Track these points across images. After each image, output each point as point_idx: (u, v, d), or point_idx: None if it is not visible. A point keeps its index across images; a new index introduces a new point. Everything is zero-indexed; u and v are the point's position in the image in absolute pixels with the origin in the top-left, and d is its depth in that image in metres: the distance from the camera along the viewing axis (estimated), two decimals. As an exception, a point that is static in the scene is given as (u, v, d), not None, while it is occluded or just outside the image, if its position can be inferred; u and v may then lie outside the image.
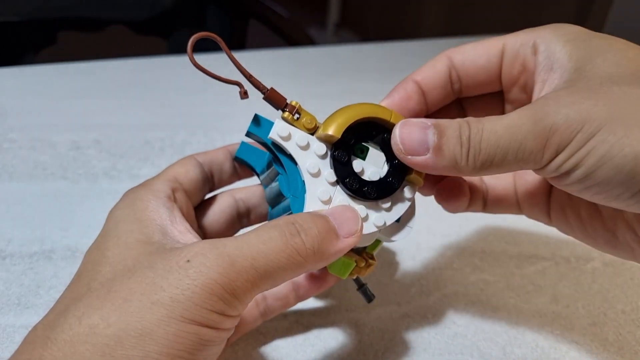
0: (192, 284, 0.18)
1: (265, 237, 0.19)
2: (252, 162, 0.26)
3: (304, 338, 0.29)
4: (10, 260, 0.33)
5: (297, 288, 0.27)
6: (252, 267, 0.18)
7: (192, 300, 0.17)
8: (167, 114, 0.52)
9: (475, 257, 0.36)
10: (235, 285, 0.18)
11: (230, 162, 0.27)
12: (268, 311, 0.27)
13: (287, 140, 0.22)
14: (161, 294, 0.18)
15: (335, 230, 0.21)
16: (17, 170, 0.42)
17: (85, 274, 0.20)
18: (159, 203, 0.22)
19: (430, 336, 0.30)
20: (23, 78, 0.57)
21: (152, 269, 0.19)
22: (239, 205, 0.28)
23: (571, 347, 0.30)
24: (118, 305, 0.18)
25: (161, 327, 0.17)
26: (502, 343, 0.30)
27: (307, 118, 0.23)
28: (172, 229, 0.22)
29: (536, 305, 0.33)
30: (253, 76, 0.22)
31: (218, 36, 0.21)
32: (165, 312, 0.17)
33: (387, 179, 0.23)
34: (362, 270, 0.24)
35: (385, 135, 0.23)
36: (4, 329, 0.28)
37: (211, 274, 0.18)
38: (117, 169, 0.43)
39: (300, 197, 0.23)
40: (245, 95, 0.22)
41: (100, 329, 0.17)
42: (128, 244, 0.20)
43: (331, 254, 0.20)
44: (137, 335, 0.17)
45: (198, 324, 0.18)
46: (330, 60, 0.69)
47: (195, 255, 0.18)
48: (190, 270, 0.18)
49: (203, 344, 0.18)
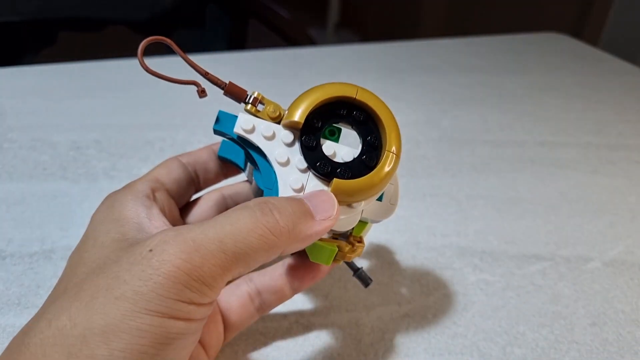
0: (154, 273, 0.17)
1: (233, 218, 0.18)
2: (234, 159, 0.26)
3: (304, 338, 0.29)
4: (10, 260, 0.33)
5: (292, 280, 0.27)
6: (220, 250, 0.18)
7: (156, 290, 0.17)
8: (167, 114, 0.52)
9: (475, 257, 0.36)
10: (202, 271, 0.17)
11: (214, 162, 0.27)
12: (264, 306, 0.27)
13: (252, 132, 0.22)
14: (124, 288, 0.17)
15: (311, 212, 0.20)
16: (17, 170, 0.42)
17: (64, 277, 0.20)
18: (137, 202, 0.22)
19: (430, 336, 0.30)
20: (23, 78, 0.57)
21: (117, 263, 0.18)
22: (228, 202, 0.28)
23: (571, 347, 0.30)
24: (85, 304, 0.17)
25: (124, 322, 0.16)
26: (502, 343, 0.30)
27: (270, 107, 0.22)
28: (149, 225, 0.21)
29: (536, 305, 0.33)
30: (209, 73, 0.22)
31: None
32: (128, 306, 0.17)
33: (362, 158, 0.22)
34: (347, 254, 0.24)
35: (355, 112, 0.22)
36: (4, 329, 0.28)
37: (174, 261, 0.17)
38: (117, 169, 0.43)
39: (274, 188, 0.22)
40: (204, 94, 0.22)
41: (67, 329, 0.17)
42: (103, 243, 0.20)
43: (307, 235, 0.20)
44: (101, 333, 0.16)
45: (163, 316, 0.17)
46: (330, 60, 0.69)
47: (158, 243, 0.18)
48: (153, 259, 0.17)
49: (171, 337, 0.17)
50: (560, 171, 0.48)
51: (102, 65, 0.62)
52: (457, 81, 0.66)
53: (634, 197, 0.44)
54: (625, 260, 0.37)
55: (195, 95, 0.22)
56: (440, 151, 0.50)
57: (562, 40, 0.84)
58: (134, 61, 0.62)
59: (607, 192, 0.45)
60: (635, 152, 0.51)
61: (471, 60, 0.74)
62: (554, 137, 0.54)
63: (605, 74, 0.71)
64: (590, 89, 0.66)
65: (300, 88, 0.23)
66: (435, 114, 0.57)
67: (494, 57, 0.75)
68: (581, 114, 0.59)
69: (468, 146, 0.51)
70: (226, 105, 0.25)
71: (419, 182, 0.44)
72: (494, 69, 0.72)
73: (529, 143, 0.52)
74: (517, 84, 0.67)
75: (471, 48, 0.78)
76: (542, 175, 0.47)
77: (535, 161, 0.49)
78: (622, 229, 0.40)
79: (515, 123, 0.56)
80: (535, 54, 0.78)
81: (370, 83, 0.60)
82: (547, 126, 0.56)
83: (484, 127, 0.55)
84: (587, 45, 0.82)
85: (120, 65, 0.62)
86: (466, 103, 0.60)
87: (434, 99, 0.61)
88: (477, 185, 0.44)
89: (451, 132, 0.53)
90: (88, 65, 0.61)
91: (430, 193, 0.43)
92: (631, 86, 0.68)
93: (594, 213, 0.42)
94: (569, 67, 0.73)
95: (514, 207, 0.42)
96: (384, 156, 0.22)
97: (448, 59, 0.73)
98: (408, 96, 0.61)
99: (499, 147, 0.51)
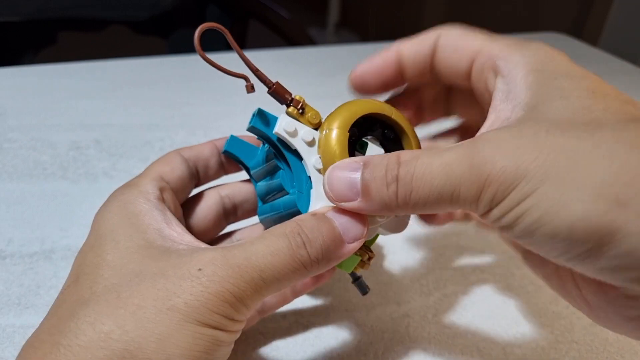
0: (205, 291, 0.18)
1: (272, 248, 0.20)
2: (242, 156, 0.26)
3: (304, 338, 0.29)
4: (10, 260, 0.33)
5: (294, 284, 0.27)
6: (260, 278, 0.19)
7: (206, 305, 0.18)
8: (167, 114, 0.52)
9: (475, 257, 0.36)
10: (244, 295, 0.19)
11: (216, 157, 0.27)
12: (265, 308, 0.27)
13: (294, 135, 0.22)
14: (175, 300, 0.18)
15: (341, 237, 0.21)
16: (17, 170, 0.42)
17: (85, 277, 0.20)
18: (150, 206, 0.22)
19: (430, 336, 0.30)
20: (23, 78, 0.57)
21: (163, 276, 0.19)
22: (225, 202, 0.28)
23: (571, 347, 0.30)
24: (132, 312, 0.18)
25: (179, 331, 0.18)
26: (502, 343, 0.30)
27: (312, 113, 0.22)
28: (170, 232, 0.22)
29: (536, 305, 0.33)
30: (259, 70, 0.22)
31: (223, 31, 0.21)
32: (181, 317, 0.18)
33: None
34: (365, 264, 0.24)
35: (385, 131, 0.23)
36: (4, 329, 0.28)
37: (223, 284, 0.19)
38: (117, 169, 0.43)
39: (305, 193, 0.22)
40: (252, 89, 0.22)
41: (117, 335, 0.17)
42: (129, 249, 0.20)
43: (335, 260, 0.21)
44: (157, 340, 0.18)
45: (212, 327, 0.18)
46: (330, 60, 0.69)
47: (207, 264, 0.19)
48: (203, 279, 0.19)
49: (218, 345, 0.19)
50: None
51: (102, 65, 0.62)
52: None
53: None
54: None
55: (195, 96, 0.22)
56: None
57: (562, 40, 0.84)
58: (134, 61, 0.63)
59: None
60: (635, 152, 0.51)
61: (471, 60, 0.73)
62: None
63: (605, 74, 0.71)
64: (590, 89, 0.66)
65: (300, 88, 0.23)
66: (435, 114, 0.57)
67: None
68: (581, 114, 0.59)
69: (468, 146, 0.51)
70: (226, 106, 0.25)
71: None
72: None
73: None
74: (517, 84, 0.67)
75: (471, 48, 0.78)
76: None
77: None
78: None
79: (515, 123, 0.56)
80: (535, 54, 0.78)
81: (370, 83, 0.60)
82: (547, 126, 0.56)
83: (484, 127, 0.55)
84: (587, 45, 0.82)
85: (120, 65, 0.62)
86: (466, 103, 0.60)
87: (434, 99, 0.61)
88: (477, 185, 0.44)
89: (451, 132, 0.53)
90: (88, 65, 0.61)
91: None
92: (631, 86, 0.68)
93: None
94: (569, 67, 0.73)
95: (514, 207, 0.42)
96: None
97: (448, 59, 0.73)
98: (408, 96, 0.61)
99: (499, 147, 0.51)
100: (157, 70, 0.61)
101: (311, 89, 0.58)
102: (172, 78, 0.59)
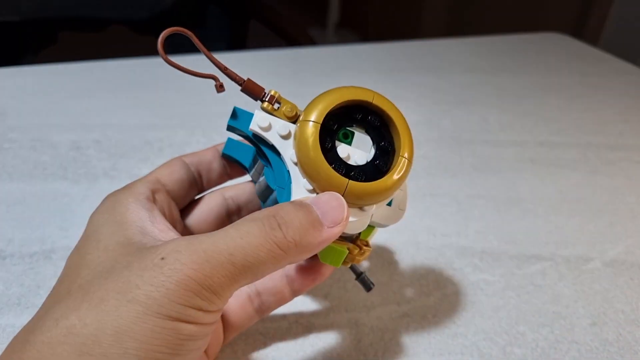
0: (167, 280, 0.18)
1: (243, 231, 0.19)
2: (239, 157, 0.26)
3: (304, 338, 0.29)
4: (10, 260, 0.33)
5: (292, 282, 0.27)
6: (229, 262, 0.18)
7: (167, 296, 0.17)
8: (167, 114, 0.52)
9: (475, 257, 0.36)
10: (211, 281, 0.18)
11: (219, 162, 0.27)
12: (263, 307, 0.27)
13: (268, 130, 0.22)
14: (136, 292, 0.18)
15: (319, 220, 0.20)
16: (17, 170, 0.42)
17: (66, 278, 0.20)
18: (138, 205, 0.22)
19: (430, 336, 0.30)
20: (23, 78, 0.57)
21: (127, 268, 0.19)
22: (229, 203, 0.28)
23: (571, 347, 0.30)
24: (94, 305, 0.18)
25: (138, 324, 0.17)
26: (502, 343, 0.30)
27: (287, 106, 0.22)
28: (152, 228, 0.21)
29: (536, 305, 0.33)
30: (228, 68, 0.22)
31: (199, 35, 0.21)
32: (141, 309, 0.17)
33: (374, 162, 0.22)
34: (356, 257, 0.24)
35: (370, 117, 0.23)
36: (3, 329, 0.28)
37: (186, 270, 0.18)
38: (117, 169, 0.43)
39: (286, 188, 0.22)
40: (222, 89, 0.22)
41: (78, 328, 0.17)
42: (107, 246, 0.20)
43: (315, 245, 0.20)
44: (114, 333, 0.17)
45: (175, 320, 0.18)
46: (330, 60, 0.69)
47: (170, 252, 0.18)
48: (165, 267, 0.18)
49: (183, 339, 0.18)
50: (560, 171, 0.48)
51: (102, 65, 0.62)
52: (457, 81, 0.66)
53: (634, 197, 0.44)
54: (625, 260, 0.37)
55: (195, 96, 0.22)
56: (440, 151, 0.50)
57: (562, 40, 0.84)
58: (134, 61, 0.63)
59: (607, 192, 0.45)
60: (635, 152, 0.51)
61: (471, 60, 0.74)
62: (554, 137, 0.54)
63: (605, 74, 0.71)
64: (590, 89, 0.66)
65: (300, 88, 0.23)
66: (435, 114, 0.57)
67: (494, 57, 0.75)
68: (581, 114, 0.59)
69: (468, 146, 0.51)
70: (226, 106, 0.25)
71: (419, 182, 0.44)
72: (494, 69, 0.72)
73: (529, 143, 0.52)
74: (517, 84, 0.67)
75: (471, 48, 0.78)
76: (542, 175, 0.47)
77: (535, 161, 0.49)
78: (622, 229, 0.40)
79: (515, 123, 0.56)
80: (535, 54, 0.78)
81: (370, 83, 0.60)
82: (547, 126, 0.56)
83: (484, 127, 0.55)
84: (587, 45, 0.82)
85: (120, 65, 0.62)
86: (466, 103, 0.60)
87: (434, 99, 0.61)
88: (477, 185, 0.44)
89: (451, 132, 0.53)
90: (88, 65, 0.61)
91: (430, 193, 0.43)
92: (631, 86, 0.68)
93: (594, 213, 0.42)
94: (569, 67, 0.73)
95: (514, 207, 0.42)
96: (397, 161, 0.22)
97: (448, 59, 0.73)
98: (408, 96, 0.61)
99: (499, 147, 0.51)
100: (157, 70, 0.61)
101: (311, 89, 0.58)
102: (172, 78, 0.59)
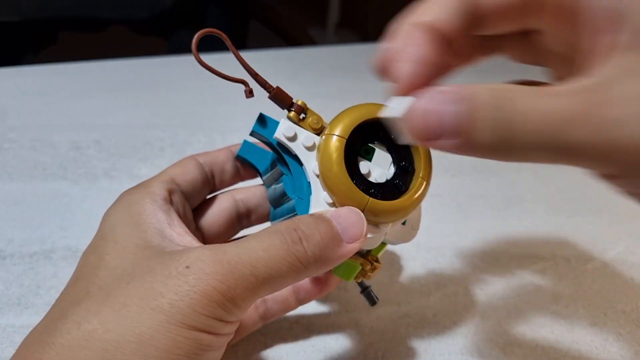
0: (191, 290, 0.18)
1: (266, 244, 0.19)
2: (254, 161, 0.26)
3: (305, 339, 0.29)
4: (10, 260, 0.33)
5: (298, 291, 0.27)
6: (252, 274, 0.18)
7: (191, 306, 0.17)
8: (167, 114, 0.52)
9: (475, 257, 0.36)
10: (234, 293, 0.18)
11: (232, 163, 0.27)
12: (268, 314, 0.27)
13: (293, 140, 0.22)
14: (160, 300, 0.18)
15: (339, 235, 0.20)
16: (17, 170, 0.42)
17: (83, 277, 0.20)
18: (155, 206, 0.22)
19: (430, 336, 0.30)
20: (23, 78, 0.57)
21: (150, 274, 0.18)
22: (239, 206, 0.27)
23: (571, 347, 0.30)
24: (117, 310, 0.18)
25: (160, 332, 0.17)
26: (502, 343, 0.30)
27: (313, 118, 0.22)
28: (171, 232, 0.21)
29: (536, 305, 0.33)
30: (259, 74, 0.22)
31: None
32: (164, 318, 0.17)
33: (394, 181, 0.22)
34: (368, 273, 0.24)
35: (393, 135, 0.23)
36: (4, 329, 0.28)
37: (210, 281, 0.18)
38: (117, 169, 0.43)
39: (305, 198, 0.22)
40: (251, 94, 0.22)
41: (99, 333, 0.17)
42: (126, 248, 0.20)
43: (334, 259, 0.20)
44: (137, 341, 0.17)
45: (197, 330, 0.18)
46: (330, 60, 0.69)
47: (194, 261, 0.18)
48: (190, 276, 0.18)
49: (202, 349, 0.18)
50: (560, 171, 0.47)
51: (102, 65, 0.62)
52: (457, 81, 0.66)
53: (634, 197, 0.44)
54: (625, 260, 0.37)
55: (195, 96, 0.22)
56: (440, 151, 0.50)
57: (562, 40, 0.84)
58: (134, 61, 0.62)
59: (607, 192, 0.45)
60: (635, 152, 0.51)
61: (471, 60, 0.73)
62: (554, 137, 0.54)
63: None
64: (590, 89, 0.66)
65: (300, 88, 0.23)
66: (435, 114, 0.57)
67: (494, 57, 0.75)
68: (581, 114, 0.59)
69: (468, 146, 0.51)
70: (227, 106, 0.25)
71: (419, 182, 0.44)
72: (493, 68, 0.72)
73: (529, 143, 0.52)
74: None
75: (471, 48, 0.78)
76: (542, 175, 0.47)
77: (535, 161, 0.49)
78: (622, 229, 0.40)
79: (515, 123, 0.56)
80: (535, 54, 0.78)
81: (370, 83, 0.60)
82: (547, 126, 0.56)
83: (484, 127, 0.55)
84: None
85: (120, 65, 0.62)
86: (466, 103, 0.60)
87: (434, 99, 0.61)
88: (477, 185, 0.44)
89: (451, 132, 0.53)
90: (88, 65, 0.61)
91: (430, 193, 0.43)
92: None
93: (594, 213, 0.42)
94: (569, 67, 0.73)
95: (514, 207, 0.42)
96: (416, 182, 0.22)
97: (448, 59, 0.73)
98: (408, 96, 0.61)
99: (499, 147, 0.51)
100: (157, 70, 0.61)
101: (311, 89, 0.58)
102: (172, 78, 0.59)
